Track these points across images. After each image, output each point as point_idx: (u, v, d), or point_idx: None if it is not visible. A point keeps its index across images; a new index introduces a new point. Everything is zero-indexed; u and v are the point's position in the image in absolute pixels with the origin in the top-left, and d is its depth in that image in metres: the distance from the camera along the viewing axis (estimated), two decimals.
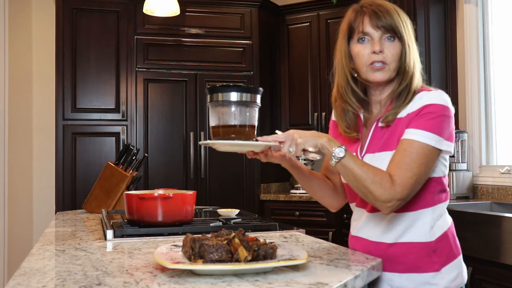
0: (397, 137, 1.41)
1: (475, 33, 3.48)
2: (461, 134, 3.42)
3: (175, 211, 1.84)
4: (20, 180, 4.35)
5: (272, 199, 4.24)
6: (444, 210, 1.50)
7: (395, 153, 1.38)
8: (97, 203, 2.65)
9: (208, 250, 1.12)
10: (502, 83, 3.40)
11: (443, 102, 1.40)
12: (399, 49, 1.43)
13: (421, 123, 1.37)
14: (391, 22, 1.42)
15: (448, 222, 1.50)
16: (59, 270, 1.21)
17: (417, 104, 1.41)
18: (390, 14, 1.43)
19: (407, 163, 1.34)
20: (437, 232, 1.44)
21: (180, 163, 4.14)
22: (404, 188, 1.33)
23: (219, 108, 1.35)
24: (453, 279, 1.44)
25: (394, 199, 1.33)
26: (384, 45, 1.43)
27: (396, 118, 1.43)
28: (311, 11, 4.45)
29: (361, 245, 1.51)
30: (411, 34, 1.47)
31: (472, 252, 2.55)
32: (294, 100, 4.49)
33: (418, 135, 1.36)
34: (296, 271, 1.16)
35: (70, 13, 4.00)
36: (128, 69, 4.07)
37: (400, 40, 1.44)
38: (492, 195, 3.26)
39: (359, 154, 1.50)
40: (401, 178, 1.33)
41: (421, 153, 1.35)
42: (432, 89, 1.45)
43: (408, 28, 1.46)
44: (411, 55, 1.45)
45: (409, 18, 1.50)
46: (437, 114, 1.37)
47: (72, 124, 3.98)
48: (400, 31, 1.42)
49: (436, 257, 1.43)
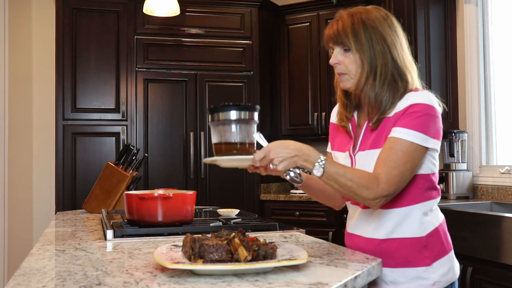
0: (385, 135, 1.47)
1: (475, 33, 3.48)
2: (461, 134, 3.42)
3: (175, 211, 1.84)
4: (20, 180, 4.35)
5: (272, 199, 4.24)
6: (435, 207, 1.54)
7: (382, 151, 1.44)
8: (97, 203, 2.65)
9: (208, 250, 1.12)
10: (502, 83, 3.40)
11: (428, 102, 1.44)
12: (356, 59, 1.48)
13: (407, 122, 1.42)
14: (340, 33, 1.49)
15: (440, 219, 1.55)
16: (59, 270, 1.21)
17: (404, 103, 1.45)
18: (344, 28, 1.49)
19: (393, 160, 1.40)
20: (428, 228, 1.49)
21: (180, 163, 4.14)
22: (390, 185, 1.38)
23: (220, 126, 1.42)
24: (444, 274, 1.49)
25: (380, 196, 1.39)
26: (340, 57, 1.50)
27: (385, 117, 1.48)
28: (311, 11, 4.45)
29: (355, 241, 1.56)
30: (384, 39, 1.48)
31: (472, 252, 2.55)
32: (294, 100, 4.49)
33: (404, 133, 1.41)
34: (296, 271, 1.16)
35: (70, 13, 4.00)
36: (128, 69, 4.07)
37: (354, 50, 1.48)
38: (492, 195, 3.27)
39: (352, 152, 1.55)
40: (386, 176, 1.38)
41: (406, 151, 1.40)
42: (420, 90, 1.49)
43: (371, 36, 1.47)
44: (371, 55, 1.47)
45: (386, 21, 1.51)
46: (423, 113, 1.42)
47: (72, 124, 3.98)
48: (351, 44, 1.47)
49: (427, 252, 1.48)
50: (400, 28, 1.54)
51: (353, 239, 1.58)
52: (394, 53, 1.48)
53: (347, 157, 1.56)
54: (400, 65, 1.49)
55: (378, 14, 1.51)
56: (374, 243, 1.50)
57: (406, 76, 1.49)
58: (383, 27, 1.49)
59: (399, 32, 1.53)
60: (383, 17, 1.51)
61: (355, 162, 1.53)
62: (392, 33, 1.50)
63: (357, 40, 1.47)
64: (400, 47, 1.50)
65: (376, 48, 1.47)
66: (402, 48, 1.51)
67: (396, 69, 1.48)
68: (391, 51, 1.48)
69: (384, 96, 1.46)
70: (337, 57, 1.51)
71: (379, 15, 1.51)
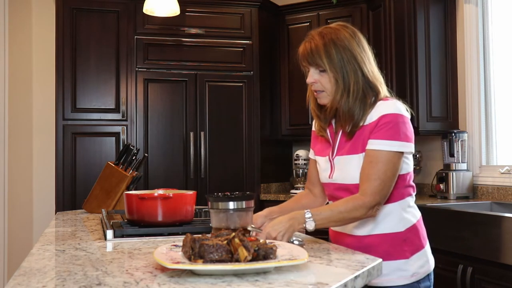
0: (360, 142, 1.62)
1: (475, 33, 3.48)
2: (461, 134, 3.42)
3: (175, 211, 1.84)
4: (20, 180, 4.35)
5: (272, 199, 4.24)
6: (412, 204, 1.69)
7: (364, 165, 1.59)
8: (97, 203, 2.65)
9: (208, 250, 1.12)
10: (502, 83, 3.40)
11: (396, 111, 1.59)
12: (331, 78, 1.62)
13: (381, 133, 1.58)
14: (314, 56, 1.62)
15: (417, 216, 1.70)
16: (59, 270, 1.21)
17: (375, 114, 1.60)
18: (317, 50, 1.62)
19: (374, 173, 1.56)
20: (407, 224, 1.65)
21: (180, 163, 4.14)
22: (375, 195, 1.55)
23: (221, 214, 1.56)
24: (421, 266, 1.65)
25: (370, 207, 1.54)
26: (316, 76, 1.64)
27: (359, 127, 1.63)
28: (311, 11, 4.45)
29: (340, 238, 1.72)
30: (354, 57, 1.62)
31: (472, 252, 2.55)
32: (294, 100, 4.49)
33: (380, 144, 1.57)
34: (296, 271, 1.16)
35: (70, 13, 4.00)
36: (128, 69, 4.07)
37: (329, 71, 1.61)
38: (492, 195, 3.27)
39: (331, 156, 1.70)
40: (370, 188, 1.55)
41: (385, 161, 1.56)
42: (388, 99, 1.65)
43: (342, 56, 1.61)
44: (344, 75, 1.61)
45: (354, 39, 1.64)
46: (394, 123, 1.57)
47: (72, 124, 3.98)
48: (322, 62, 1.61)
49: (407, 246, 1.63)
50: (366, 43, 1.68)
51: (337, 236, 1.73)
52: (364, 69, 1.63)
53: (327, 161, 1.72)
54: (371, 79, 1.63)
55: (346, 33, 1.64)
56: (357, 239, 1.65)
57: (377, 87, 1.64)
58: (352, 45, 1.63)
59: (366, 48, 1.67)
60: (351, 35, 1.64)
61: (334, 165, 1.69)
62: (360, 50, 1.64)
63: (331, 61, 1.61)
64: (368, 62, 1.65)
65: (347, 67, 1.61)
66: (370, 62, 1.66)
67: (366, 83, 1.63)
68: (361, 68, 1.62)
69: (356, 110, 1.61)
70: (314, 76, 1.64)
71: (347, 34, 1.64)
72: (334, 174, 1.68)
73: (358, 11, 4.21)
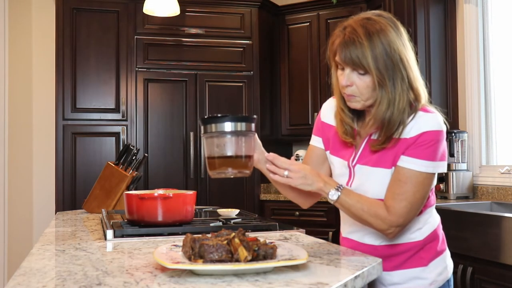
0: (392, 156, 1.44)
1: (475, 33, 3.48)
2: (461, 134, 3.42)
3: (175, 211, 1.84)
4: (20, 180, 4.35)
5: (272, 199, 4.23)
6: (433, 212, 1.56)
7: (391, 181, 1.43)
8: (97, 203, 2.65)
9: (208, 250, 1.12)
10: (502, 83, 3.40)
11: (438, 128, 1.42)
12: (370, 83, 1.39)
13: (417, 152, 1.40)
14: (359, 58, 1.37)
15: (437, 221, 1.57)
16: (59, 270, 1.21)
17: (415, 129, 1.41)
18: (361, 47, 1.37)
19: (401, 193, 1.40)
20: (426, 232, 1.52)
21: (180, 163, 4.14)
22: (399, 217, 1.40)
23: (214, 139, 1.32)
24: (440, 273, 1.52)
25: (391, 227, 1.41)
26: (354, 79, 1.41)
27: (392, 137, 1.43)
28: (311, 11, 4.45)
29: (351, 245, 1.57)
30: (402, 61, 1.40)
31: (472, 252, 2.55)
32: (294, 100, 4.49)
33: (413, 163, 1.40)
34: (296, 271, 1.16)
35: (70, 13, 4.00)
36: (128, 69, 4.07)
37: (370, 74, 1.39)
38: (492, 195, 3.26)
39: (351, 162, 1.52)
40: (395, 208, 1.40)
41: (415, 182, 1.40)
42: (429, 110, 1.45)
43: (393, 62, 1.38)
44: (392, 83, 1.39)
45: (400, 34, 1.42)
46: (433, 142, 1.40)
47: (72, 124, 3.98)
48: (368, 66, 1.37)
49: (424, 253, 1.50)
50: (407, 38, 1.46)
51: (349, 244, 1.58)
52: (410, 75, 1.42)
53: (345, 167, 1.53)
54: (415, 86, 1.43)
55: (392, 29, 1.40)
56: (371, 248, 1.52)
57: (419, 94, 1.44)
58: (400, 48, 1.40)
59: (408, 45, 1.44)
60: (395, 32, 1.41)
61: (354, 174, 1.51)
62: (406, 51, 1.42)
63: (378, 65, 1.37)
64: (413, 64, 1.44)
65: (396, 74, 1.39)
66: (414, 64, 1.45)
67: (412, 91, 1.42)
68: (408, 75, 1.41)
69: (397, 121, 1.41)
70: (351, 79, 1.41)
71: (393, 31, 1.40)
72: (353, 183, 1.50)
73: (358, 11, 4.21)
